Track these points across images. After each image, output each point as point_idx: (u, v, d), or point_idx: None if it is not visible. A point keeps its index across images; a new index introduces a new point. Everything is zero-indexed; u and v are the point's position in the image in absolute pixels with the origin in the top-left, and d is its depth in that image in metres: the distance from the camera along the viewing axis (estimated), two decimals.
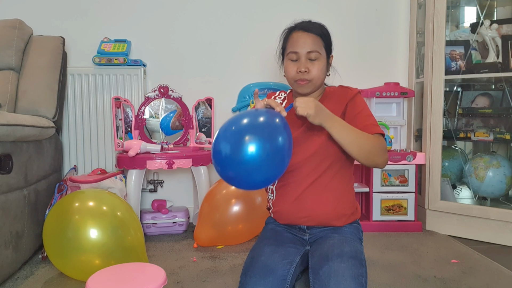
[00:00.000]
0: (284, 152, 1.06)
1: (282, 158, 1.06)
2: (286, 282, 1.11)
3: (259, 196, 1.82)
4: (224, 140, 1.04)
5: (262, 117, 1.07)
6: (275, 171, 1.07)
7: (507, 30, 2.02)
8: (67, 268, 1.43)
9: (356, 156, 1.18)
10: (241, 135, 1.02)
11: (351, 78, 1.42)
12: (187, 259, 1.66)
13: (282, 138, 1.05)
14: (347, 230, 1.28)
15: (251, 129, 1.04)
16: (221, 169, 1.04)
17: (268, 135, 1.03)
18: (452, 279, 1.44)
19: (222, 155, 1.02)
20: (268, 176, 1.06)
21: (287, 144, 1.06)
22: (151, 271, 1.14)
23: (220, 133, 1.07)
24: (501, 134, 2.00)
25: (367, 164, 1.21)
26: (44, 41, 2.00)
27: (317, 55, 1.23)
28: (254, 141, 1.00)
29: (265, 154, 1.00)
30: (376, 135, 1.20)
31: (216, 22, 2.28)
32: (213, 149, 1.06)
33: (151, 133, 2.15)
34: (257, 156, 0.99)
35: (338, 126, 1.16)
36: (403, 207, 2.04)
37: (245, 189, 1.29)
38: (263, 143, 1.01)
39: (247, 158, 1.00)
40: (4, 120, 1.33)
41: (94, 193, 1.54)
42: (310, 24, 1.26)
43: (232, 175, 1.04)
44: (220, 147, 1.03)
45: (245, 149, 1.00)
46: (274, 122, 1.08)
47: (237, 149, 1.01)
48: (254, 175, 1.03)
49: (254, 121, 1.07)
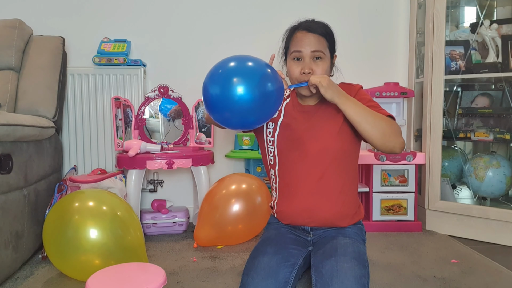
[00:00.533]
0: (273, 93, 1.11)
1: (273, 98, 1.11)
2: (288, 285, 1.10)
3: (259, 196, 1.82)
4: (215, 82, 1.09)
5: (252, 60, 1.12)
6: (266, 112, 1.12)
7: (507, 30, 2.02)
8: (67, 268, 1.43)
9: (371, 135, 1.14)
10: (230, 75, 1.08)
11: (351, 78, 1.43)
12: (187, 259, 1.66)
13: (271, 78, 1.10)
14: (350, 230, 1.28)
15: (239, 69, 1.10)
16: (212, 108, 1.11)
17: (257, 76, 1.08)
18: (452, 279, 1.44)
19: (214, 96, 1.09)
20: (260, 117, 1.12)
21: (276, 84, 1.11)
22: (151, 271, 1.14)
23: (211, 73, 1.12)
24: (501, 134, 2.00)
25: (383, 146, 1.16)
26: (44, 41, 2.00)
27: (321, 55, 1.23)
28: (243, 82, 1.05)
29: (254, 93, 1.06)
30: (389, 118, 1.19)
31: (216, 22, 2.28)
32: (204, 89, 1.11)
33: (151, 133, 2.15)
34: (246, 95, 1.05)
35: (351, 103, 1.15)
36: (403, 207, 2.04)
37: (236, 129, 1.30)
38: (252, 83, 1.06)
39: (237, 98, 1.05)
40: (4, 120, 1.33)
41: (94, 193, 1.54)
42: (314, 24, 1.25)
43: (224, 115, 1.11)
44: (212, 88, 1.09)
45: (234, 89, 1.05)
46: (265, 66, 1.12)
47: (226, 89, 1.06)
48: (246, 115, 1.09)
49: (244, 62, 1.12)
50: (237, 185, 1.84)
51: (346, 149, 1.25)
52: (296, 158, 1.26)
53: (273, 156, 1.31)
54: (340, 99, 1.14)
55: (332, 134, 1.23)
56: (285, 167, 1.29)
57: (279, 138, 1.29)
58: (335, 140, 1.23)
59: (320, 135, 1.24)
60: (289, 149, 1.27)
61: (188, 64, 2.29)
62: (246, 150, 2.15)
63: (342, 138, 1.24)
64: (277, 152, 1.29)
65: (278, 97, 1.13)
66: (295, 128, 1.27)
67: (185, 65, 2.29)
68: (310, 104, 1.31)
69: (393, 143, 1.16)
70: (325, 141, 1.23)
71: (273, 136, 1.30)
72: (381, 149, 1.18)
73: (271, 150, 1.31)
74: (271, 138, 1.30)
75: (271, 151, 1.31)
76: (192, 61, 2.29)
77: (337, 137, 1.23)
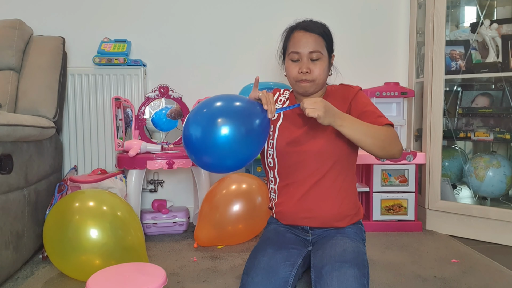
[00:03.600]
0: (253, 136, 1.09)
1: (252, 143, 1.10)
2: (288, 284, 1.10)
3: (259, 196, 1.82)
4: (195, 123, 1.07)
5: (237, 102, 1.11)
6: (245, 155, 1.11)
7: (507, 30, 2.02)
8: (68, 268, 1.43)
9: (371, 149, 1.16)
10: (213, 118, 1.05)
11: (351, 78, 1.43)
12: (187, 259, 1.66)
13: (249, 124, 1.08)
14: (350, 230, 1.28)
15: (222, 112, 1.08)
16: (193, 154, 1.09)
17: (237, 119, 1.06)
18: (452, 278, 1.44)
19: (193, 139, 1.06)
20: (238, 160, 1.10)
21: (256, 130, 1.09)
22: (151, 271, 1.15)
23: (191, 116, 1.10)
24: (501, 134, 2.00)
25: (383, 155, 1.19)
26: (44, 41, 2.00)
27: (319, 55, 1.23)
28: (226, 124, 1.04)
29: (235, 138, 1.04)
30: (386, 126, 1.19)
31: (216, 22, 2.28)
32: (184, 133, 1.09)
33: (151, 133, 2.15)
34: (227, 140, 1.03)
35: (348, 123, 1.14)
36: (403, 207, 2.04)
37: (216, 172, 1.30)
38: (234, 127, 1.04)
39: (218, 143, 1.03)
40: (4, 120, 1.33)
41: (94, 193, 1.54)
42: (312, 24, 1.26)
43: (204, 159, 1.09)
44: (191, 131, 1.07)
45: (217, 133, 1.03)
46: (248, 108, 1.10)
47: (208, 133, 1.04)
48: (225, 159, 1.07)
49: (227, 104, 1.10)
50: (237, 185, 1.84)
51: (345, 150, 1.25)
52: (295, 160, 1.26)
53: (272, 158, 1.31)
54: (337, 121, 1.13)
55: (330, 136, 1.23)
56: (284, 169, 1.29)
57: (278, 141, 1.29)
58: (334, 141, 1.23)
59: (319, 137, 1.24)
60: (288, 151, 1.27)
61: (189, 64, 2.29)
62: None
63: (341, 139, 1.24)
64: (276, 154, 1.29)
65: (262, 134, 1.13)
66: (294, 131, 1.28)
67: (185, 65, 2.29)
68: None
69: (392, 152, 1.19)
70: (324, 143, 1.23)
71: (273, 139, 1.30)
72: (381, 158, 1.24)
73: (270, 153, 1.31)
74: (271, 141, 1.30)
75: (270, 153, 1.31)
76: (192, 61, 2.29)
77: (336, 139, 1.23)
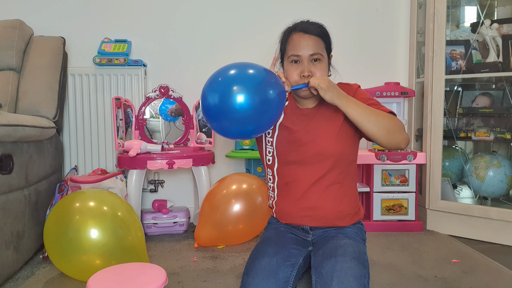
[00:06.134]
0: (274, 101, 1.10)
1: (271, 107, 1.10)
2: (289, 284, 1.10)
3: (259, 196, 1.82)
4: (214, 90, 1.08)
5: (253, 68, 1.12)
6: (265, 121, 1.11)
7: (507, 30, 2.02)
8: (68, 268, 1.43)
9: (375, 134, 1.14)
10: (230, 84, 1.07)
11: (351, 77, 1.43)
12: (187, 259, 1.66)
13: (272, 89, 1.09)
14: (350, 230, 1.27)
15: (240, 78, 1.09)
16: (211, 118, 1.10)
17: (257, 84, 1.07)
18: (452, 278, 1.44)
19: (212, 105, 1.08)
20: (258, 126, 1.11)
21: (277, 97, 1.10)
22: (151, 271, 1.15)
23: (211, 81, 1.11)
24: (501, 133, 2.00)
25: (388, 143, 1.16)
26: (45, 41, 2.00)
27: (319, 56, 1.22)
28: (242, 91, 1.05)
29: (254, 102, 1.05)
30: (391, 114, 1.19)
31: (216, 22, 2.29)
32: (202, 102, 1.11)
33: (151, 133, 2.15)
34: (245, 104, 1.04)
35: (352, 104, 1.14)
36: (404, 207, 2.04)
37: (235, 138, 1.28)
38: (252, 93, 1.05)
39: (237, 107, 1.04)
40: (5, 121, 1.33)
41: (94, 193, 1.54)
42: (310, 25, 1.24)
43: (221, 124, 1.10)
44: (209, 99, 1.09)
45: (234, 99, 1.04)
46: (264, 72, 1.11)
47: (226, 99, 1.05)
48: (245, 124, 1.08)
49: (245, 69, 1.11)
50: (238, 185, 1.84)
51: (345, 150, 1.25)
52: (295, 159, 1.26)
53: (271, 156, 1.31)
54: (341, 100, 1.13)
55: (331, 136, 1.23)
56: (284, 167, 1.29)
57: (278, 140, 1.29)
58: (334, 142, 1.23)
59: (320, 138, 1.24)
60: (288, 151, 1.27)
61: (189, 64, 2.29)
62: (247, 150, 2.15)
63: (341, 139, 1.24)
64: (276, 153, 1.29)
65: (280, 102, 1.12)
66: (294, 131, 1.27)
67: (185, 65, 2.29)
68: (308, 107, 1.30)
69: (398, 140, 1.16)
70: (324, 143, 1.23)
71: (272, 137, 1.30)
72: (386, 146, 1.18)
73: (270, 150, 1.31)
74: (270, 139, 1.30)
75: (269, 151, 1.31)
76: (192, 61, 2.29)
77: (336, 139, 1.23)
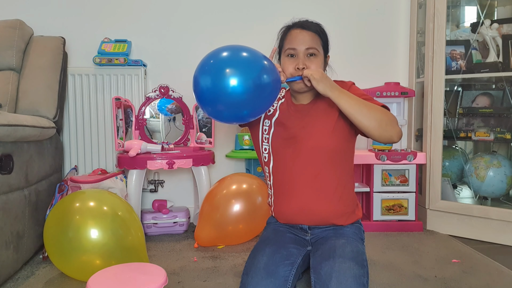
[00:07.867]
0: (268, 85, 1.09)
1: (267, 90, 1.10)
2: (288, 283, 1.11)
3: (259, 196, 1.82)
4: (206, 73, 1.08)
5: (246, 51, 1.10)
6: (259, 105, 1.11)
7: (507, 30, 2.02)
8: (68, 268, 1.43)
9: (367, 126, 1.14)
10: (223, 66, 1.06)
11: (351, 78, 1.43)
12: (187, 259, 1.66)
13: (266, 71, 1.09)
14: (348, 230, 1.27)
15: (233, 61, 1.08)
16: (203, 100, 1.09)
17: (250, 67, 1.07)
18: (453, 279, 1.44)
19: (205, 87, 1.07)
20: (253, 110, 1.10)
21: (271, 77, 1.09)
22: (151, 271, 1.15)
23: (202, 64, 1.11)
24: (501, 133, 2.00)
25: (380, 136, 1.15)
26: (45, 41, 2.00)
27: (315, 51, 1.24)
28: (236, 74, 1.03)
29: (248, 86, 1.04)
30: (383, 108, 1.20)
31: (217, 22, 2.29)
32: (195, 87, 1.11)
33: (151, 133, 2.15)
34: (239, 88, 1.03)
35: (345, 96, 1.15)
36: (404, 207, 2.04)
37: (229, 122, 1.24)
38: (245, 76, 1.04)
39: (230, 90, 1.03)
40: (5, 121, 1.33)
41: (94, 193, 1.54)
42: (308, 22, 1.28)
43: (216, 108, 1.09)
44: (201, 83, 1.08)
45: (227, 80, 1.03)
46: (261, 57, 1.11)
47: (219, 81, 1.04)
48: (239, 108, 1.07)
49: (238, 52, 1.10)
50: (238, 185, 1.84)
51: (341, 146, 1.26)
52: (290, 156, 1.27)
53: (267, 153, 1.31)
54: (333, 92, 1.14)
55: (326, 132, 1.24)
56: (280, 164, 1.30)
57: (274, 136, 1.30)
58: (330, 137, 1.23)
59: (315, 133, 1.25)
60: (284, 147, 1.28)
61: (189, 64, 2.26)
62: (247, 150, 2.15)
63: (337, 135, 1.24)
64: (271, 150, 1.30)
65: (274, 89, 1.12)
66: (289, 127, 1.28)
67: (185, 65, 2.28)
68: (303, 103, 1.31)
69: (390, 133, 1.16)
70: (320, 139, 1.24)
71: (268, 134, 1.31)
72: (379, 139, 1.17)
73: (266, 148, 1.31)
74: (266, 136, 1.31)
75: (265, 149, 1.32)
76: (192, 61, 2.24)
77: (332, 135, 1.24)
